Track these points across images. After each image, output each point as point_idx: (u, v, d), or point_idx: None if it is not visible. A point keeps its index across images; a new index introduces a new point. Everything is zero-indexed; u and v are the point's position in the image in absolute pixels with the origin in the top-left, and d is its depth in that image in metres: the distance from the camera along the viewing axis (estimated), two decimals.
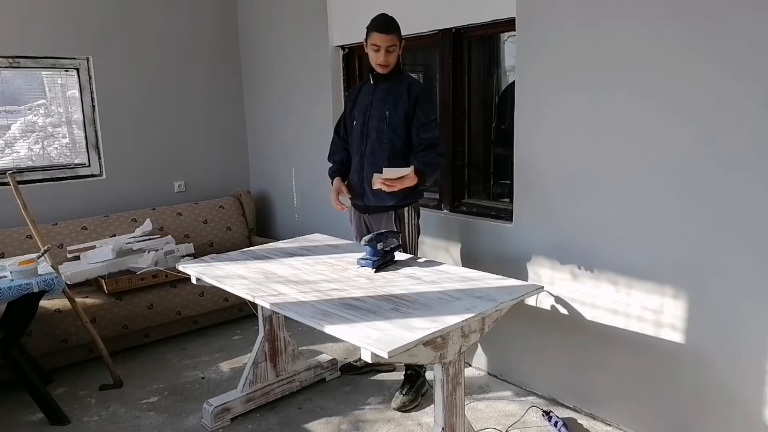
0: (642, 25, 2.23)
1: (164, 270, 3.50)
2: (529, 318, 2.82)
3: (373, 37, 2.64)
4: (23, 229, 3.50)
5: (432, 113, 2.69)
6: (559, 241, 2.64)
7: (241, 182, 4.84)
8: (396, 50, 2.66)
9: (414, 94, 2.67)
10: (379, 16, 2.68)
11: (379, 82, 2.75)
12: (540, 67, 2.60)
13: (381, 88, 2.75)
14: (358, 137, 2.81)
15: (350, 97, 2.93)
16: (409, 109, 2.67)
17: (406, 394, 2.79)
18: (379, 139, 2.73)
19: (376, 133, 2.73)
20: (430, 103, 2.71)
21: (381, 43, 2.62)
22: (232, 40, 4.65)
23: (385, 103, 2.72)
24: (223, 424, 2.68)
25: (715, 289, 2.16)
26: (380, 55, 2.64)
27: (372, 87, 2.79)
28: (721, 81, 2.05)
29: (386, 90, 2.73)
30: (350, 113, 2.89)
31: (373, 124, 2.75)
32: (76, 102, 4.04)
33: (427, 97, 2.71)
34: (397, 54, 2.69)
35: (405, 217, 2.79)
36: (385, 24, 2.63)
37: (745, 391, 2.14)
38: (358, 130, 2.81)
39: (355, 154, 2.85)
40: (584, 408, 2.69)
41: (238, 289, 2.28)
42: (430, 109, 2.70)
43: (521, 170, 2.77)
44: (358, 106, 2.83)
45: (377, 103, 2.74)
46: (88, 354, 3.30)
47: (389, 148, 2.72)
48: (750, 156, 2.02)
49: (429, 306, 1.98)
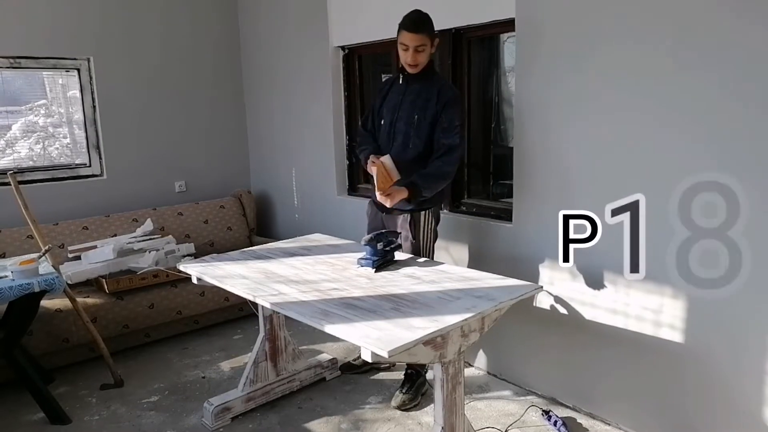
0: (642, 25, 2.23)
1: (165, 270, 3.50)
2: (529, 318, 2.83)
3: (402, 35, 2.53)
4: (24, 229, 3.51)
5: (457, 119, 2.59)
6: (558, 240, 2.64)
7: (242, 182, 4.85)
8: (426, 49, 2.54)
9: (443, 99, 2.59)
10: (410, 13, 2.55)
11: (411, 82, 2.67)
12: (540, 67, 2.60)
13: (412, 89, 2.66)
14: (384, 137, 2.75)
15: (380, 93, 2.83)
16: (437, 113, 2.60)
17: (407, 393, 2.79)
18: (405, 142, 2.67)
19: (403, 137, 2.67)
20: (456, 109, 2.61)
21: (410, 42, 2.51)
22: (232, 41, 4.65)
23: (414, 106, 2.64)
24: (224, 423, 2.69)
25: (716, 289, 2.17)
26: (408, 55, 2.54)
27: (403, 86, 2.70)
28: (722, 81, 2.06)
29: (417, 92, 2.64)
30: (379, 111, 2.80)
31: (400, 127, 2.68)
32: (76, 102, 4.05)
33: (455, 103, 2.61)
34: (429, 53, 2.57)
35: (420, 221, 2.73)
36: (414, 22, 2.50)
37: (745, 391, 2.15)
38: (386, 130, 2.74)
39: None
40: (584, 407, 2.69)
41: (238, 289, 2.29)
42: (456, 115, 2.60)
43: (521, 170, 2.77)
44: (387, 105, 2.75)
45: (407, 105, 2.66)
46: (89, 353, 3.30)
47: (414, 152, 2.66)
48: (750, 156, 2.02)
49: (429, 305, 1.98)
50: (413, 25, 2.50)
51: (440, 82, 2.68)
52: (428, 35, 2.53)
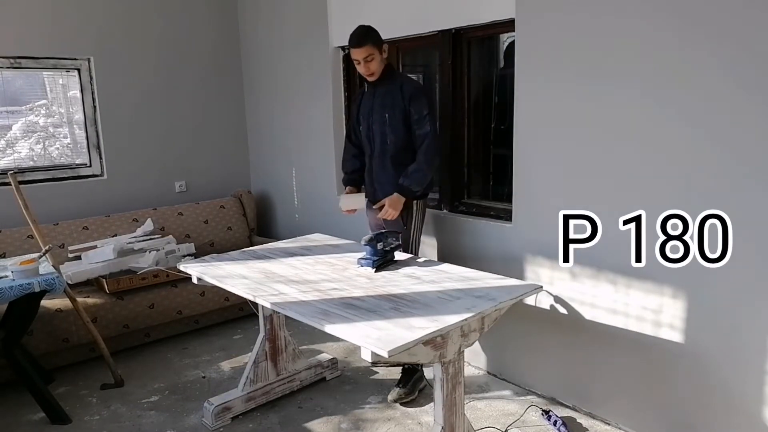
0: (642, 25, 2.23)
1: (165, 270, 3.51)
2: (529, 317, 2.83)
3: (352, 52, 2.77)
4: (24, 228, 3.51)
5: (424, 109, 2.77)
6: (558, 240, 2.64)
7: (242, 182, 4.85)
8: (376, 57, 2.76)
9: (407, 93, 2.79)
10: (354, 30, 2.77)
11: (377, 87, 2.89)
12: (539, 67, 2.61)
13: (379, 93, 2.88)
14: (365, 141, 3.00)
15: (355, 103, 3.09)
16: (405, 108, 2.80)
17: (403, 387, 2.83)
18: (383, 141, 2.89)
19: (381, 137, 2.89)
20: (421, 99, 2.79)
21: (358, 56, 2.74)
22: (232, 41, 4.65)
23: (384, 106, 2.85)
24: (224, 423, 2.69)
25: (715, 289, 2.17)
26: (362, 67, 2.78)
27: (371, 93, 2.93)
28: (723, 81, 2.06)
29: (383, 94, 2.86)
30: (357, 119, 3.04)
31: (376, 129, 2.90)
32: (77, 102, 4.05)
33: (418, 94, 2.80)
34: (380, 60, 2.78)
35: (413, 210, 2.89)
36: (357, 37, 2.74)
37: (744, 391, 2.15)
38: (365, 135, 2.98)
39: (366, 157, 3.04)
40: (583, 407, 2.70)
41: (239, 289, 2.29)
42: (422, 105, 2.78)
43: (521, 170, 2.78)
44: (362, 112, 2.99)
45: (377, 107, 2.89)
46: (89, 353, 3.31)
47: (393, 149, 2.86)
48: (750, 156, 2.02)
49: (429, 305, 1.99)
50: (356, 40, 2.73)
51: (401, 79, 2.89)
52: (373, 45, 2.74)
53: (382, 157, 2.90)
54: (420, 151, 2.78)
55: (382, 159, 2.90)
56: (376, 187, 2.95)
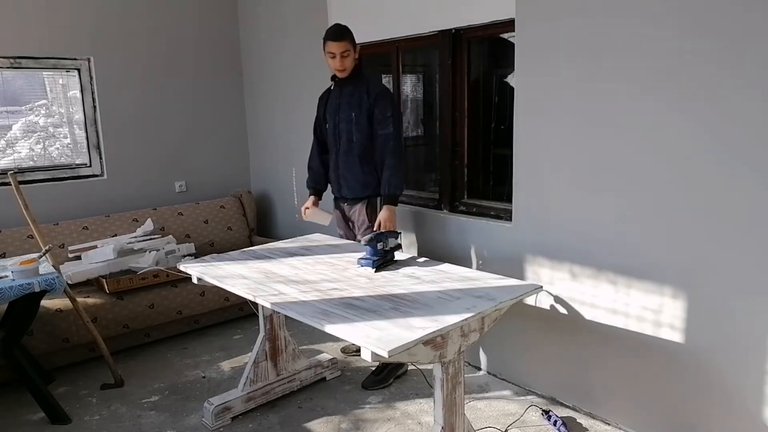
0: (642, 25, 2.24)
1: (165, 270, 3.51)
2: (529, 317, 2.83)
3: (329, 45, 2.87)
4: (24, 229, 3.52)
5: (388, 110, 2.90)
6: (558, 240, 2.65)
7: (242, 182, 4.85)
8: (351, 55, 2.88)
9: (373, 93, 2.92)
10: (331, 27, 2.91)
11: (344, 86, 3.00)
12: (539, 67, 2.61)
13: (346, 91, 2.99)
14: (331, 138, 3.10)
15: (321, 102, 3.18)
16: (371, 107, 2.92)
17: (377, 375, 2.97)
18: (349, 138, 3.00)
19: (347, 134, 3.00)
20: (386, 101, 2.91)
21: (335, 50, 2.85)
22: (232, 41, 4.66)
23: (351, 105, 2.97)
24: (224, 423, 2.69)
25: (715, 289, 2.17)
26: (336, 61, 2.88)
27: (338, 91, 3.04)
28: (723, 80, 2.06)
29: (350, 93, 2.97)
30: (323, 117, 3.14)
31: (342, 126, 3.01)
32: (77, 102, 4.05)
33: (385, 96, 2.92)
34: (353, 58, 2.90)
35: (378, 206, 3.00)
36: (336, 32, 2.86)
37: (744, 391, 2.15)
38: (332, 132, 3.08)
39: (332, 153, 3.13)
40: (583, 407, 2.70)
41: (239, 289, 2.29)
42: (386, 106, 2.90)
43: (520, 170, 2.78)
44: (329, 110, 3.09)
45: (344, 105, 3.00)
46: (89, 353, 3.31)
47: (359, 146, 2.98)
48: (751, 155, 2.02)
49: (429, 305, 1.99)
50: (336, 35, 2.86)
51: (368, 79, 2.99)
52: (350, 42, 2.88)
53: (347, 154, 3.00)
54: (387, 155, 2.90)
55: (348, 156, 3.00)
56: (342, 183, 3.08)
